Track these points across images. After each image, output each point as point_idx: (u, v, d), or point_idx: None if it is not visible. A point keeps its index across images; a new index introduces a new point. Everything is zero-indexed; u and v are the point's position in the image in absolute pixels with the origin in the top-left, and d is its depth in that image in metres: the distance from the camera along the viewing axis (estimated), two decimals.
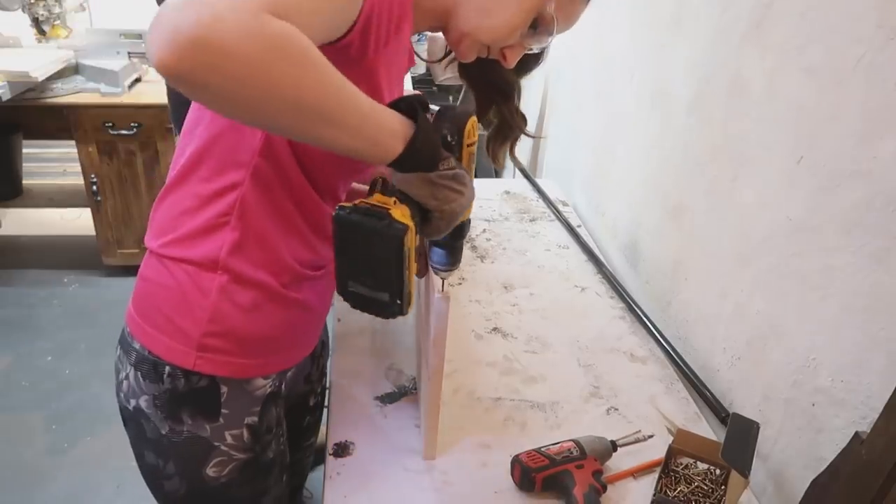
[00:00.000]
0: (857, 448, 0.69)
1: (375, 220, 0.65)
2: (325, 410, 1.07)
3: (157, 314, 0.80)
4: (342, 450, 0.96)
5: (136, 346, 0.82)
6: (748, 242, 1.04)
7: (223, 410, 0.83)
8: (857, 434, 0.69)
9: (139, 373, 0.81)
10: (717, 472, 0.95)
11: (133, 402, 0.83)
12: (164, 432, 0.83)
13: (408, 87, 2.22)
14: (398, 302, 0.69)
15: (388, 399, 1.06)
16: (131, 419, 0.85)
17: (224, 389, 0.83)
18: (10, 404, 2.11)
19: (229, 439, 0.85)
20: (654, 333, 1.24)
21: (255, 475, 0.90)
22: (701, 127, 1.19)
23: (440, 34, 0.83)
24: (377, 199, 0.67)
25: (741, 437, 0.88)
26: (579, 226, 1.65)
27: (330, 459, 0.95)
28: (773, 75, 0.98)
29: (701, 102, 1.19)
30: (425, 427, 0.94)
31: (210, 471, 0.85)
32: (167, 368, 0.80)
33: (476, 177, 0.77)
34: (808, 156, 0.90)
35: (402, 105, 0.69)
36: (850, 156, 0.82)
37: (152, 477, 0.88)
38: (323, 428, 1.18)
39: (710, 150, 1.15)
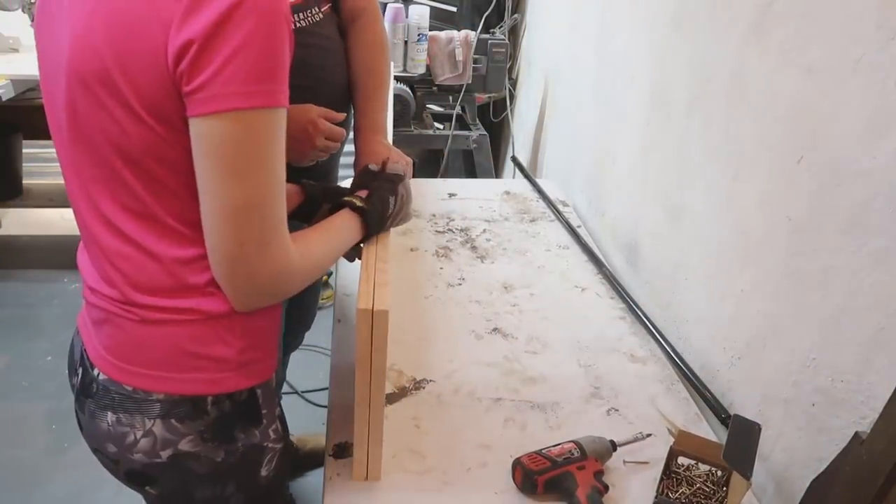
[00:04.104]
0: (857, 448, 0.69)
1: None
2: (325, 410, 1.07)
3: (178, 357, 0.79)
4: (342, 451, 0.96)
5: (159, 397, 0.80)
6: (748, 242, 1.04)
7: (263, 411, 0.86)
8: (857, 434, 0.69)
9: (172, 419, 0.80)
10: (719, 473, 0.95)
11: (167, 452, 0.81)
12: (219, 459, 0.83)
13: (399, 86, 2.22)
14: None
15: (388, 399, 1.06)
16: (167, 471, 0.82)
17: (259, 392, 0.85)
18: (9, 404, 2.11)
19: (272, 435, 0.88)
20: (654, 334, 1.24)
21: (288, 456, 0.93)
22: (701, 127, 1.19)
23: (441, 34, 0.84)
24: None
25: (743, 438, 0.87)
26: (579, 226, 1.65)
27: (329, 461, 0.95)
28: (773, 75, 0.98)
29: (701, 102, 1.19)
30: (356, 441, 0.89)
31: (263, 471, 0.88)
32: (209, 399, 0.81)
33: (476, 177, 0.78)
34: (808, 156, 0.90)
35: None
36: (850, 156, 0.82)
37: None
38: (323, 429, 1.18)
39: (710, 150, 1.15)
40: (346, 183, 1.03)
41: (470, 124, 2.47)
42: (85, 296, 0.86)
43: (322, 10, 1.12)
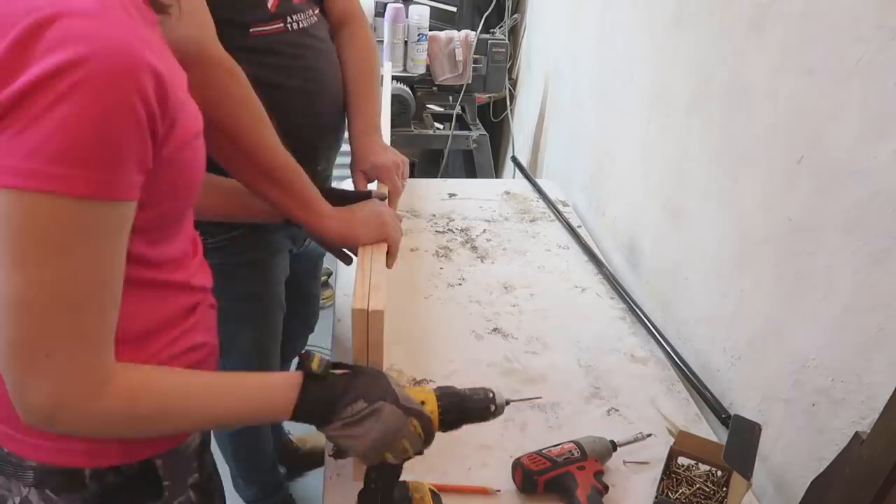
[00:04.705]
0: (857, 448, 0.69)
1: None
2: None
3: None
4: (342, 451, 0.96)
5: (32, 464, 0.70)
6: (748, 242, 1.04)
7: (165, 483, 0.76)
8: (857, 434, 0.69)
9: (47, 489, 0.70)
10: (719, 473, 0.95)
11: None
12: None
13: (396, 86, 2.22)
14: None
15: None
16: None
17: (159, 463, 0.75)
18: None
19: None
20: (654, 334, 1.24)
21: None
22: (701, 127, 1.19)
23: (441, 34, 0.82)
24: None
25: (743, 438, 0.87)
26: (579, 226, 1.65)
27: (329, 461, 0.95)
28: (773, 75, 0.98)
29: (701, 102, 1.19)
30: None
31: None
32: (87, 472, 0.70)
33: (476, 177, 0.77)
34: (808, 156, 0.90)
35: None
36: (850, 156, 0.82)
37: None
38: None
39: (710, 150, 1.15)
40: (344, 185, 1.02)
41: (470, 124, 2.47)
42: None
43: (314, 13, 1.12)
